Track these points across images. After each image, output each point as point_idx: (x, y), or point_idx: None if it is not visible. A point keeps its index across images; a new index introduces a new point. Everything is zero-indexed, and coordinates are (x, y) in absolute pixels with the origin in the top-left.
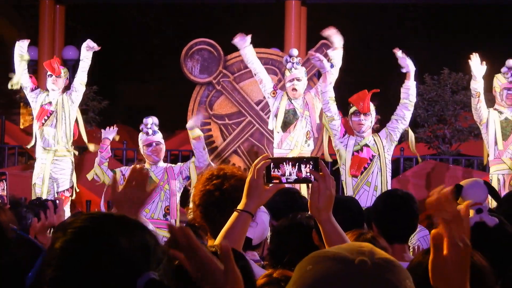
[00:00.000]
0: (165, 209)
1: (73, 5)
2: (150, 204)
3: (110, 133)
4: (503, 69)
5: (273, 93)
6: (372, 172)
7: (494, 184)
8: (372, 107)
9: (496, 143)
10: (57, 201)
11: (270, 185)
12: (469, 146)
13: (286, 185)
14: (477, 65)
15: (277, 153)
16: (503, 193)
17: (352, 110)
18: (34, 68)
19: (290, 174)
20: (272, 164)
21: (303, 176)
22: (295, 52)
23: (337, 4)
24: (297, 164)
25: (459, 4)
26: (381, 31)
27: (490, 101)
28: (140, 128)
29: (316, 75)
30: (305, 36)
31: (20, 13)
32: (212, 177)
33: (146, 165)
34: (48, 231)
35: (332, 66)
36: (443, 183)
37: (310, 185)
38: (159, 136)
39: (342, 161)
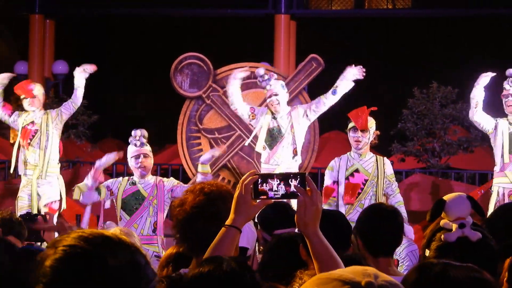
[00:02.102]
0: (154, 224)
1: (63, 19)
2: (139, 219)
3: (103, 163)
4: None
5: (252, 116)
6: (366, 197)
7: (494, 196)
8: (371, 124)
9: (502, 155)
10: (47, 216)
11: (258, 200)
12: (458, 159)
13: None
14: (487, 79)
15: (265, 168)
16: None
17: (350, 125)
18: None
19: (278, 190)
20: (259, 179)
21: (290, 191)
22: (261, 71)
23: (327, 18)
24: (284, 179)
25: (448, 17)
26: (371, 43)
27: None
28: (129, 140)
29: (305, 89)
30: (294, 50)
31: (10, 27)
32: (193, 194)
33: (135, 178)
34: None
35: (334, 92)
36: (432, 197)
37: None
38: (147, 149)
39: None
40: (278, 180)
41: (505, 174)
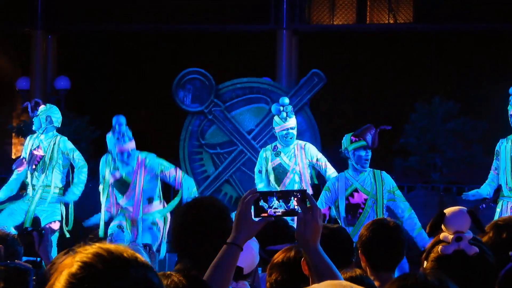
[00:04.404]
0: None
1: (65, 34)
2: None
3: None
4: None
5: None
6: (368, 216)
7: (498, 209)
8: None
9: (506, 181)
10: (43, 231)
11: (259, 218)
12: (460, 174)
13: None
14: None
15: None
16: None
17: (357, 145)
18: (26, 98)
19: (278, 207)
20: (260, 197)
21: (291, 208)
22: (286, 101)
23: (328, 32)
24: (284, 196)
25: (449, 32)
26: (373, 58)
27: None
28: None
29: (308, 104)
30: (296, 65)
31: (13, 43)
32: (189, 209)
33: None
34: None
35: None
36: (434, 211)
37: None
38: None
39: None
40: (278, 197)
41: (509, 189)
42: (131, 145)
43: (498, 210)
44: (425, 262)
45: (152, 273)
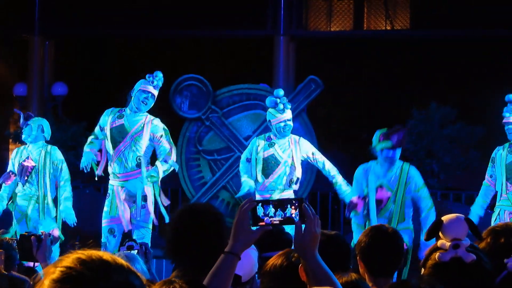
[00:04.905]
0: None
1: (62, 40)
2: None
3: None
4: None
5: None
6: (390, 210)
7: (494, 216)
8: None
9: (501, 189)
10: (42, 236)
11: (256, 227)
12: (457, 180)
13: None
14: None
15: (259, 195)
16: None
17: (384, 144)
18: (23, 104)
19: (276, 216)
20: (257, 206)
21: (288, 217)
22: (281, 92)
23: (326, 39)
24: (282, 205)
25: (446, 38)
26: (370, 64)
27: None
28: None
29: (305, 110)
30: (293, 71)
31: (10, 49)
32: (183, 215)
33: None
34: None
35: (336, 184)
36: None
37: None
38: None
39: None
40: (276, 206)
41: (507, 197)
42: (153, 94)
43: (493, 218)
44: (423, 269)
45: (134, 276)
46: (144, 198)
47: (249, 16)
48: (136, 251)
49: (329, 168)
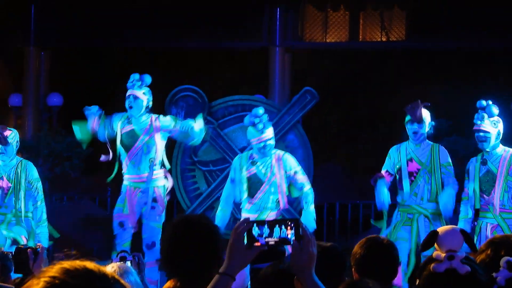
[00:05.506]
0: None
1: (58, 51)
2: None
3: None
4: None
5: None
6: (418, 184)
7: (478, 227)
8: (426, 116)
9: (479, 202)
10: (38, 249)
11: (252, 247)
12: None
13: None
14: None
15: (246, 215)
16: (483, 240)
17: (407, 119)
18: (19, 115)
19: (271, 236)
20: (253, 226)
21: (284, 237)
22: (261, 111)
23: (321, 50)
24: (277, 226)
25: (442, 50)
26: (365, 75)
27: None
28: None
29: (300, 122)
30: (289, 83)
31: (5, 59)
32: (177, 226)
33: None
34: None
35: (302, 204)
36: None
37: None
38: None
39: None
40: (271, 226)
41: (487, 209)
42: (135, 95)
43: (477, 231)
44: (417, 280)
45: (118, 285)
46: (155, 199)
47: (245, 27)
48: (129, 262)
49: (306, 194)
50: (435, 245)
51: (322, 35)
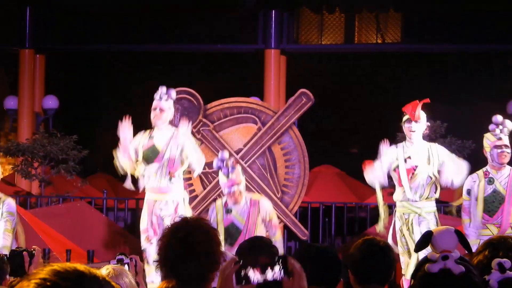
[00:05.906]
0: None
1: (53, 54)
2: None
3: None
4: (491, 127)
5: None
6: (416, 180)
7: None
8: (422, 116)
9: (480, 221)
10: (33, 251)
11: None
12: (447, 193)
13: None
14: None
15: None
16: None
17: (405, 118)
18: (14, 118)
19: (261, 275)
20: (241, 266)
21: (273, 275)
22: (226, 155)
23: (317, 52)
24: (267, 263)
25: (437, 52)
26: (360, 78)
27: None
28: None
29: (295, 124)
30: (284, 85)
31: (0, 62)
32: (175, 229)
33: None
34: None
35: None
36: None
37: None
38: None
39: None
40: (260, 265)
41: (486, 226)
42: (161, 107)
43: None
44: (412, 280)
45: (109, 286)
46: (177, 211)
47: (241, 30)
48: (126, 264)
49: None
50: (430, 245)
51: (317, 37)
